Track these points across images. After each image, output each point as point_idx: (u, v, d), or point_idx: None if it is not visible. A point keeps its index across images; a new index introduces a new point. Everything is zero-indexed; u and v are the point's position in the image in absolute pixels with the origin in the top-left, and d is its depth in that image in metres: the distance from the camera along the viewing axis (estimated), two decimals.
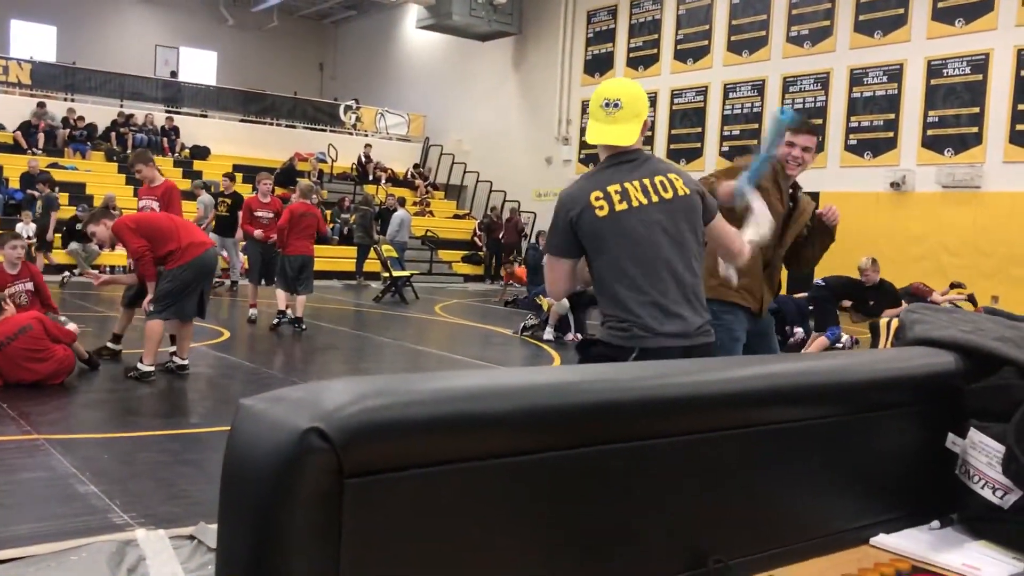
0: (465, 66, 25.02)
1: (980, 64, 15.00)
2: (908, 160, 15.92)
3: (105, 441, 5.10)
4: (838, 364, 1.50)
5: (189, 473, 4.54)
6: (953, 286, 13.45)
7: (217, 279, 12.38)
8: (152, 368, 6.77)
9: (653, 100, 20.26)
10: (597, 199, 2.76)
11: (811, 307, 9.76)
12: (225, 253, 14.25)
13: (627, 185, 2.77)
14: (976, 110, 15.06)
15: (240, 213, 12.58)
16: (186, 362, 7.07)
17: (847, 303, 9.99)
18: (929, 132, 15.69)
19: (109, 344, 7.50)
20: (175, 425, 5.73)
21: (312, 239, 10.33)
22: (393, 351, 9.73)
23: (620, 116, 2.78)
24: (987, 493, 1.42)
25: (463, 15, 21.62)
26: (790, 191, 4.15)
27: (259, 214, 10.91)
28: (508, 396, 1.16)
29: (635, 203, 2.75)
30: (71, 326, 7.02)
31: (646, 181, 2.79)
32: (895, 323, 1.59)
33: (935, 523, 1.54)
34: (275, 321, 10.14)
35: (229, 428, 1.12)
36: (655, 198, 2.77)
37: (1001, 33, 14.71)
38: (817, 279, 9.82)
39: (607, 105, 2.79)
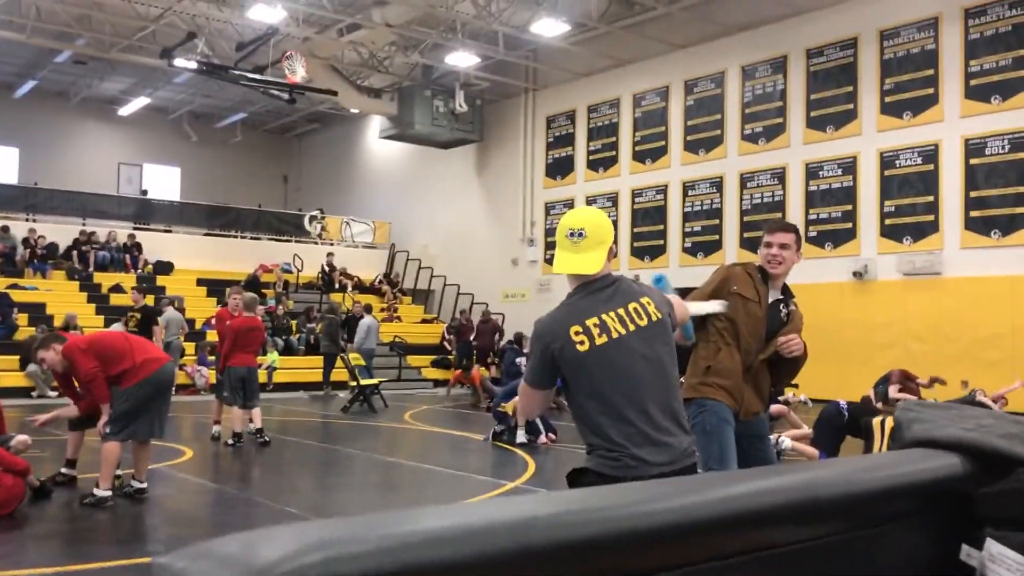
0: (429, 173, 25.34)
1: (931, 154, 15.41)
2: (868, 249, 16.16)
3: None
4: (838, 474, 1.36)
5: None
6: (934, 381, 13.17)
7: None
8: (109, 493, 6.47)
9: (614, 200, 20.55)
10: (577, 334, 2.80)
11: (817, 424, 8.90)
12: None
13: (604, 318, 2.82)
14: (931, 199, 15.39)
15: (154, 328, 13.22)
16: (144, 484, 6.77)
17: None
18: (887, 221, 15.97)
19: (63, 470, 7.18)
20: (132, 554, 5.42)
21: (255, 352, 10.50)
22: (363, 464, 9.45)
23: (585, 245, 2.86)
24: None
25: (425, 124, 21.99)
26: (782, 298, 4.14)
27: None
28: (478, 537, 0.98)
29: (615, 335, 2.80)
30: (20, 438, 6.72)
31: (621, 311, 2.85)
32: (889, 422, 1.47)
33: None
34: (230, 442, 9.75)
35: None
36: (632, 327, 2.83)
37: (948, 124, 15.16)
38: (841, 401, 8.82)
39: (572, 235, 2.87)
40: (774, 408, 10.58)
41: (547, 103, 22.38)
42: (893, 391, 10.54)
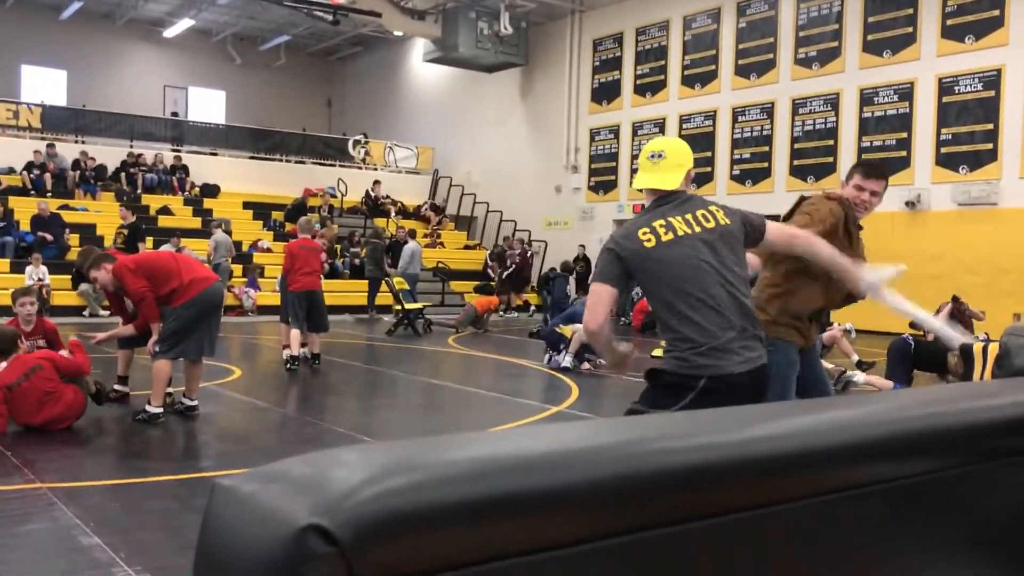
0: (472, 98, 25.03)
1: (992, 80, 14.85)
2: (922, 179, 15.73)
3: (111, 489, 4.90)
4: (951, 404, 1.27)
5: (200, 521, 4.34)
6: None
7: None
8: (160, 410, 6.59)
9: (661, 126, 20.18)
10: (644, 234, 2.99)
11: (889, 356, 8.78)
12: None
13: (671, 219, 3.01)
14: (990, 126, 14.88)
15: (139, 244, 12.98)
16: (195, 403, 6.89)
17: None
18: (943, 150, 15.51)
19: (116, 387, 7.33)
20: (185, 469, 5.54)
21: (317, 274, 10.07)
22: (407, 385, 9.54)
23: (664, 165, 3.08)
24: None
25: (469, 47, 21.64)
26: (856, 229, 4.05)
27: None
28: (575, 463, 0.90)
29: (680, 232, 2.98)
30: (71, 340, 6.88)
31: (688, 216, 3.03)
32: (993, 348, 1.38)
33: None
34: (287, 365, 9.76)
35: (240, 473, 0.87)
36: (697, 228, 3.00)
37: (1013, 49, 14.56)
38: (906, 335, 8.75)
39: (653, 156, 3.11)
40: (826, 336, 10.49)
41: (594, 25, 21.87)
42: (941, 319, 10.39)
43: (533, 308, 19.83)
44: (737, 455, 1.00)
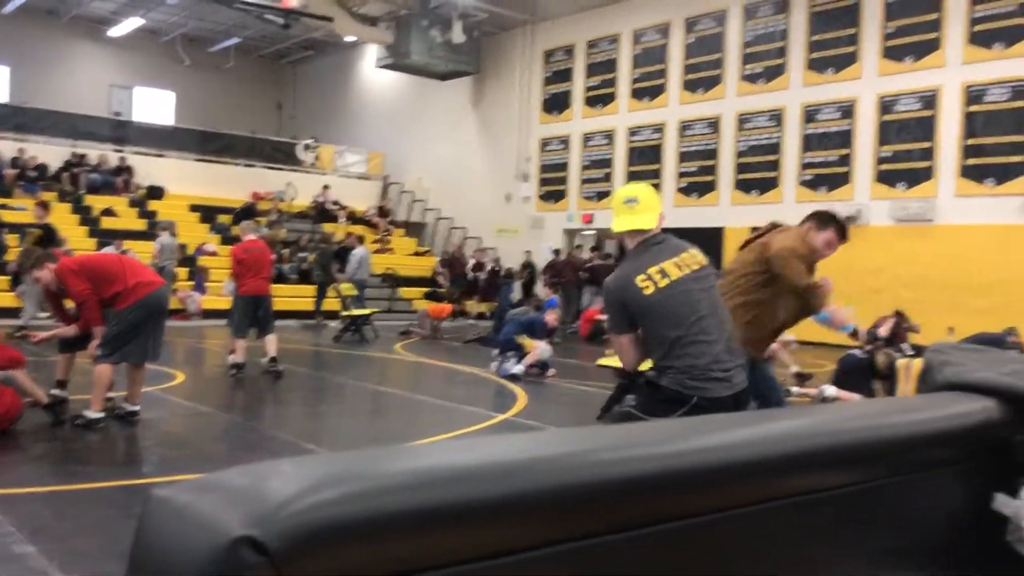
0: (424, 104, 25.02)
1: (930, 100, 15.27)
2: (862, 194, 16.11)
3: (47, 495, 4.81)
4: (877, 419, 1.32)
5: None
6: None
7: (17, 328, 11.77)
8: (100, 415, 6.48)
9: (610, 137, 20.38)
10: (642, 281, 3.29)
11: (845, 373, 8.96)
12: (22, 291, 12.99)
13: (663, 265, 3.32)
14: (927, 145, 15.31)
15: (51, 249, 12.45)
16: (137, 408, 6.78)
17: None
18: (882, 167, 15.90)
19: (54, 391, 7.17)
20: (124, 476, 5.45)
21: (266, 278, 9.82)
22: (353, 392, 9.49)
23: (639, 208, 3.41)
24: None
25: (422, 55, 21.64)
26: None
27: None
28: (513, 474, 0.92)
29: (675, 276, 3.31)
30: None
31: (676, 260, 3.36)
32: (916, 365, 1.44)
33: None
34: (232, 372, 9.63)
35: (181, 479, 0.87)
36: (686, 270, 3.34)
37: (949, 70, 15.00)
38: (855, 351, 9.00)
39: (628, 201, 3.43)
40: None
41: (546, 37, 22.02)
42: (883, 332, 10.68)
43: (475, 315, 19.79)
44: (675, 465, 1.03)
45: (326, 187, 23.77)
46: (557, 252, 20.09)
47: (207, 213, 21.82)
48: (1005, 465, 1.38)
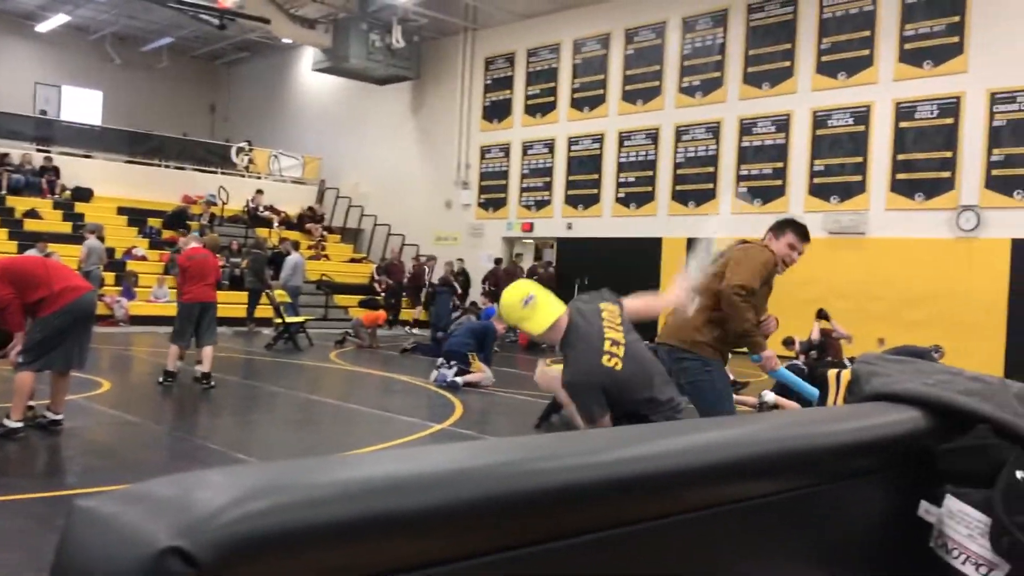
0: (362, 109, 24.84)
1: (862, 116, 15.66)
2: (796, 207, 16.42)
3: None
4: (803, 428, 1.33)
5: None
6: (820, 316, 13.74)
7: None
8: (20, 424, 6.26)
9: (550, 146, 20.47)
10: (608, 360, 3.34)
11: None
12: None
13: (607, 334, 3.40)
14: (859, 159, 15.69)
15: None
16: (60, 417, 6.57)
17: None
18: (816, 180, 16.24)
19: None
20: (46, 487, 5.27)
21: (211, 285, 9.57)
22: (286, 401, 9.34)
23: (540, 299, 3.41)
24: (968, 569, 1.29)
25: (360, 59, 21.48)
26: None
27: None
28: (443, 484, 0.91)
29: (622, 341, 3.41)
30: None
31: (607, 323, 3.45)
32: (846, 375, 1.45)
33: None
34: (160, 379, 9.41)
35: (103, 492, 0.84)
36: (621, 328, 3.47)
37: (881, 87, 15.40)
38: (796, 361, 9.59)
39: (526, 302, 3.41)
40: None
41: (487, 44, 22.05)
42: (814, 336, 11.00)
43: (411, 323, 19.67)
44: (603, 475, 1.03)
45: (259, 192, 23.41)
46: (499, 261, 20.10)
47: (136, 216, 21.32)
48: (929, 474, 1.41)
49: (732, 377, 10.51)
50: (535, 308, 3.39)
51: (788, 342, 11.68)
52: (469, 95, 22.32)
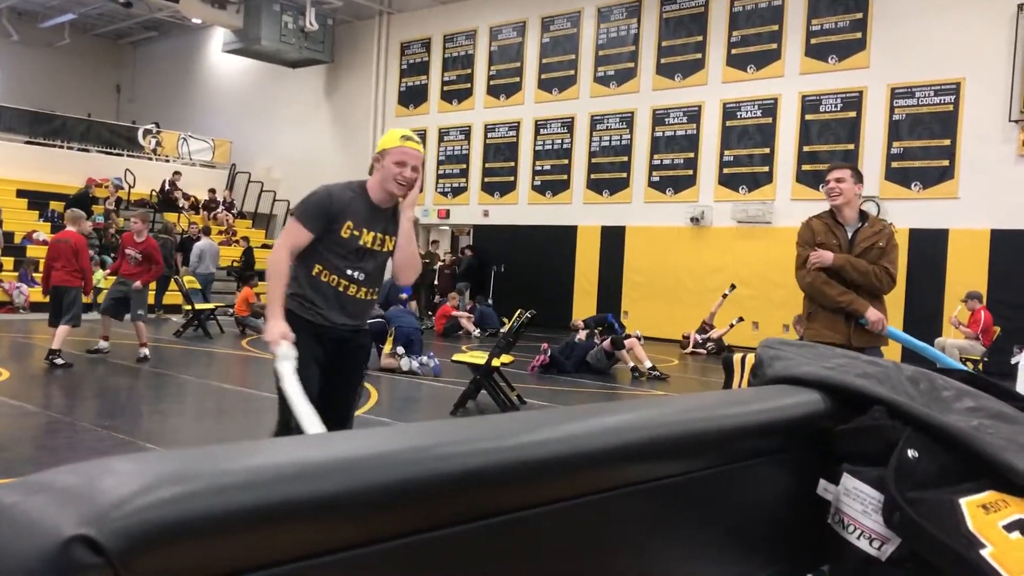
0: (274, 92, 24.36)
1: (770, 108, 16.07)
2: (706, 196, 16.78)
3: None
4: (708, 411, 1.38)
5: None
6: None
7: None
8: None
9: (467, 133, 20.44)
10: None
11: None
12: None
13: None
14: (767, 151, 16.10)
15: None
16: None
17: None
18: (725, 171, 16.62)
19: None
20: None
21: (67, 270, 9.75)
22: (196, 390, 9.14)
23: None
24: (863, 543, 1.35)
25: (272, 41, 21.05)
26: (860, 226, 4.71)
27: (128, 252, 10.44)
28: (352, 470, 0.92)
29: None
30: None
31: None
32: (750, 359, 1.51)
33: None
34: (58, 361, 9.39)
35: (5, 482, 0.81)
36: None
37: (787, 80, 15.83)
38: None
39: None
40: (627, 343, 11.17)
41: (402, 28, 21.86)
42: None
43: None
44: (510, 458, 1.05)
45: (177, 173, 22.77)
46: None
47: (37, 199, 20.52)
48: (828, 453, 1.47)
49: (650, 364, 10.80)
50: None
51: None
52: (384, 80, 22.10)
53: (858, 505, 1.36)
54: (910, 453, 1.35)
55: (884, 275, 4.52)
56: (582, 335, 11.96)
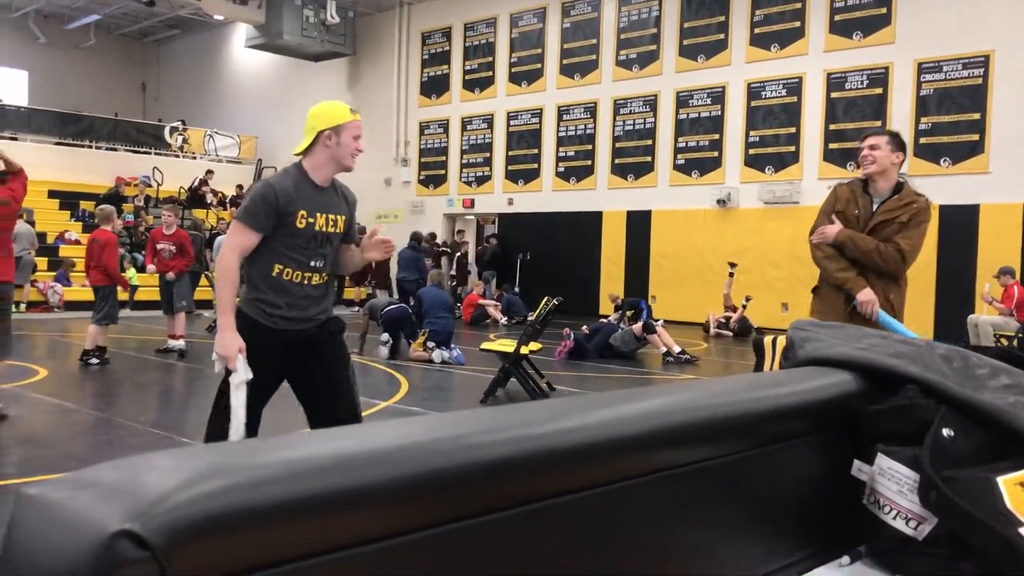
0: (298, 86, 24.45)
1: (794, 87, 15.91)
2: (732, 178, 16.66)
3: None
4: (738, 393, 1.39)
5: (1, 533, 4.06)
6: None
7: None
8: None
9: (489, 121, 20.42)
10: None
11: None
12: None
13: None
14: (792, 130, 15.95)
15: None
16: None
17: None
18: (751, 151, 16.48)
19: None
20: None
21: (100, 268, 9.79)
22: None
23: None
24: (899, 524, 1.35)
25: (294, 35, 21.13)
26: (889, 197, 4.32)
27: (161, 246, 10.58)
28: (387, 460, 0.93)
29: None
30: None
31: None
32: (781, 341, 1.50)
33: (844, 559, 1.46)
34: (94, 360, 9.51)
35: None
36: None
37: (812, 58, 15.66)
38: None
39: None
40: (659, 329, 11.16)
41: (422, 18, 21.85)
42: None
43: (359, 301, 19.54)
44: (542, 446, 1.06)
45: (209, 172, 22.97)
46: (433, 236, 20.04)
47: (67, 199, 20.77)
48: (861, 434, 1.46)
49: (679, 348, 10.78)
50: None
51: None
52: (406, 71, 22.12)
53: (893, 485, 1.36)
54: (945, 432, 1.34)
55: (892, 253, 4.13)
56: (613, 317, 12.00)
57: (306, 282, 3.50)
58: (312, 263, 3.50)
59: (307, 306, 3.53)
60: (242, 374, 3.17)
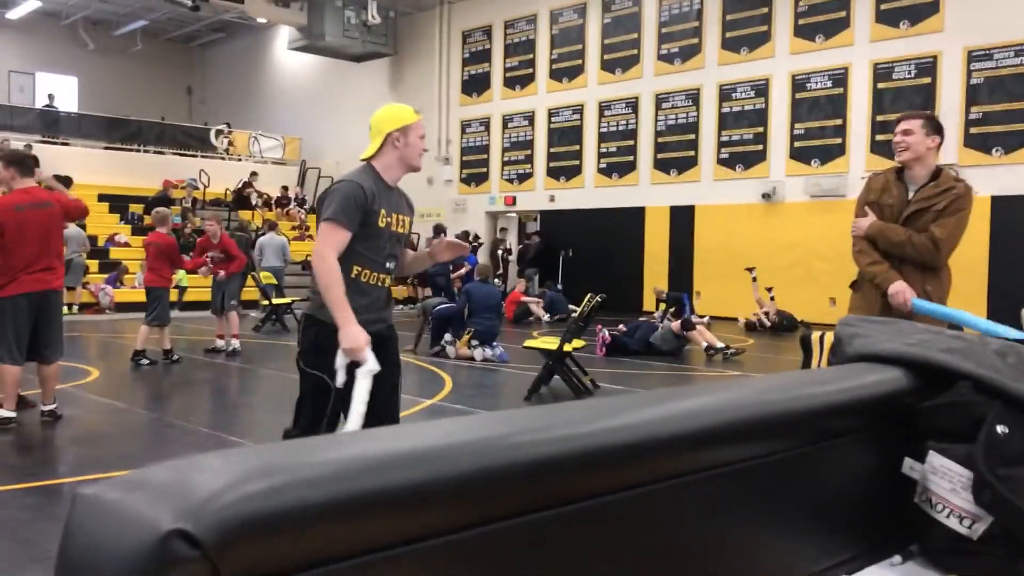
0: (340, 87, 24.66)
1: (840, 78, 15.67)
2: (777, 172, 16.46)
3: None
4: (787, 392, 1.36)
5: (55, 530, 4.14)
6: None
7: None
8: (12, 414, 6.24)
9: (530, 119, 20.41)
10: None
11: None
12: None
13: None
14: (839, 122, 15.71)
15: None
16: (52, 407, 6.56)
17: None
18: (796, 144, 16.27)
19: None
20: (38, 477, 5.27)
21: (154, 269, 9.89)
22: (277, 383, 9.34)
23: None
24: (952, 522, 1.32)
25: (336, 36, 21.30)
26: (926, 184, 4.08)
27: (212, 254, 10.75)
28: (433, 460, 0.94)
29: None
30: None
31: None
32: (829, 337, 1.47)
33: (896, 558, 1.43)
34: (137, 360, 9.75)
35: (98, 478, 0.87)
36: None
37: (858, 48, 15.41)
38: None
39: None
40: (700, 326, 11.10)
41: (463, 17, 21.90)
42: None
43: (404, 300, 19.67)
44: (588, 445, 1.06)
45: (254, 174, 23.27)
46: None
47: (117, 203, 21.15)
48: (912, 431, 1.44)
49: (722, 344, 10.67)
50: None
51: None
52: (447, 69, 22.19)
53: (946, 483, 1.33)
54: (999, 429, 1.31)
55: (925, 243, 3.90)
56: (656, 315, 11.95)
57: (381, 283, 3.54)
58: (387, 264, 3.54)
59: (382, 307, 3.57)
60: (371, 364, 3.20)
